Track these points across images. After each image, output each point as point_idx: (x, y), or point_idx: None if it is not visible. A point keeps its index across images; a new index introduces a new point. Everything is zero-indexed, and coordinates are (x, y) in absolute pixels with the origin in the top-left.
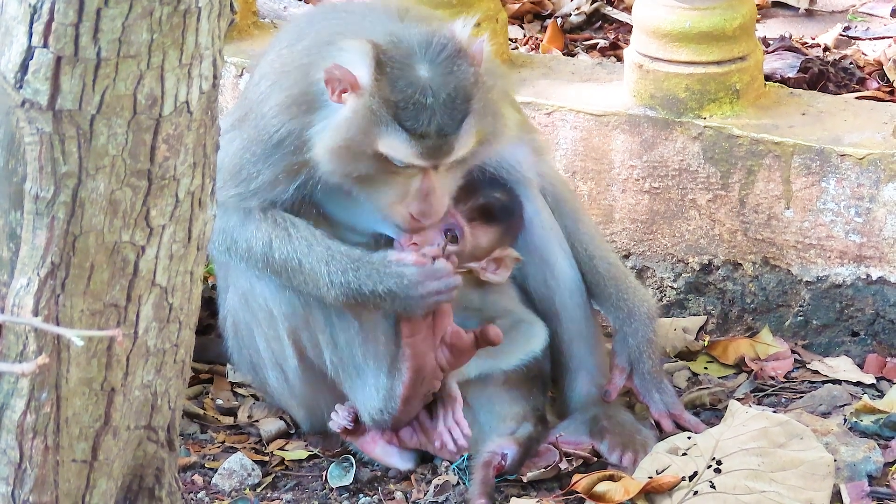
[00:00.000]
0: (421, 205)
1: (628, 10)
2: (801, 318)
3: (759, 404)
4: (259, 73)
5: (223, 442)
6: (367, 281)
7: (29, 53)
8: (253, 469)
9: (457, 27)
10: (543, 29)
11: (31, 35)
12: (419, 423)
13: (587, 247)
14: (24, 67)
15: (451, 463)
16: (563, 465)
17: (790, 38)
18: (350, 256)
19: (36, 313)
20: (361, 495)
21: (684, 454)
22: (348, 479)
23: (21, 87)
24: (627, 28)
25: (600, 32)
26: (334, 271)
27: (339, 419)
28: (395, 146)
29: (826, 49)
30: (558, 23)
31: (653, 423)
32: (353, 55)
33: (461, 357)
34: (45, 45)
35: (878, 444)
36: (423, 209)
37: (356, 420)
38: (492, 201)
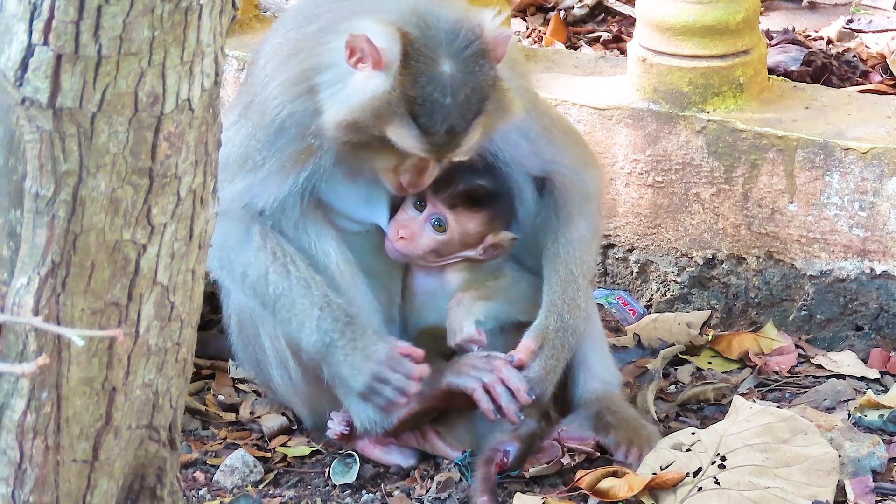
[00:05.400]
0: (412, 178)
1: (631, 2)
2: (805, 312)
3: (762, 399)
4: (264, 58)
5: (225, 438)
6: (345, 341)
7: (29, 51)
8: (255, 466)
9: (486, 21)
10: (546, 22)
11: (31, 33)
12: None
13: None
14: (24, 65)
15: (453, 460)
16: (566, 461)
17: (793, 31)
18: (346, 312)
19: (36, 312)
20: (364, 492)
21: (688, 450)
22: (351, 476)
23: (21, 84)
24: (631, 21)
25: (603, 25)
26: (325, 318)
27: (334, 426)
28: (404, 137)
29: (829, 42)
30: (561, 16)
31: (655, 418)
32: (380, 37)
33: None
34: (46, 43)
35: (883, 440)
36: (414, 182)
37: (352, 425)
38: (474, 187)
